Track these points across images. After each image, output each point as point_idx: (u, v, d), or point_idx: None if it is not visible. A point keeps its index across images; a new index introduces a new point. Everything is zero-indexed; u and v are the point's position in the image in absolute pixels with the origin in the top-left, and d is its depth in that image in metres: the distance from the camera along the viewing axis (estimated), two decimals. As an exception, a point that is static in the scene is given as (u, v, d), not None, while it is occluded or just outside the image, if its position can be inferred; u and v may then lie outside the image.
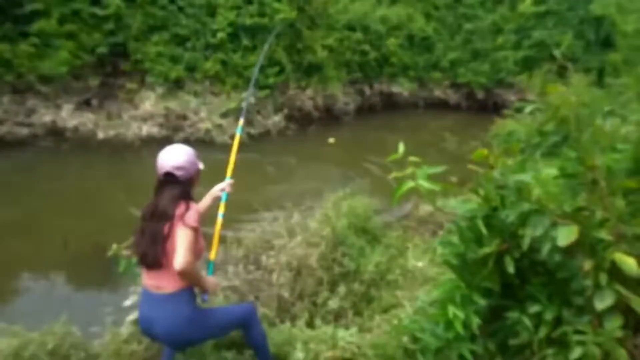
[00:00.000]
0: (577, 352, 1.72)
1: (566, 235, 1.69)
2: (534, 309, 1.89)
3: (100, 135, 8.96)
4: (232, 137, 9.48)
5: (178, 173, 2.73)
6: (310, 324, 3.91)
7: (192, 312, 2.71)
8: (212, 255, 3.22)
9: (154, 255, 2.62)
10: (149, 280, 2.70)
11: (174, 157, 2.76)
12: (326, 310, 4.05)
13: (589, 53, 14.64)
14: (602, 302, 1.72)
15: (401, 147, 1.91)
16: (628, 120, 3.65)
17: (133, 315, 3.24)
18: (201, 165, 2.97)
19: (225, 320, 2.92)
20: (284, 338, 3.31)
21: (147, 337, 2.87)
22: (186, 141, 9.52)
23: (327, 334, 3.31)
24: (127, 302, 3.31)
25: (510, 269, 1.82)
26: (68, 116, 8.99)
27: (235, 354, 3.17)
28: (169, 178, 2.74)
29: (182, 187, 2.76)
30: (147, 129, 9.41)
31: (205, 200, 3.33)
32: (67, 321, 3.14)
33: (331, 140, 9.21)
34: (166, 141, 9.44)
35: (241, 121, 4.51)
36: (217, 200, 3.38)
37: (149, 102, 9.75)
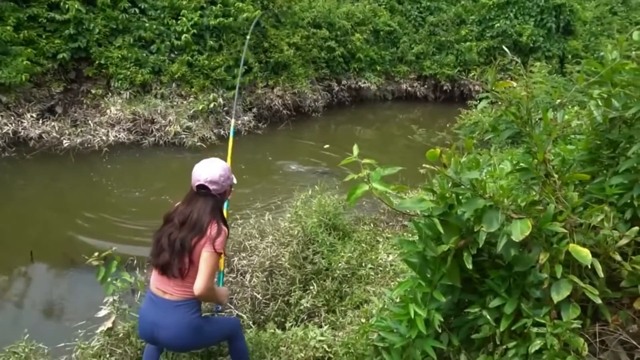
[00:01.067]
0: (537, 344, 1.75)
1: (520, 229, 1.72)
2: (494, 303, 1.92)
3: (66, 143, 8.74)
4: (203, 140, 9.47)
5: (212, 187, 2.79)
6: (282, 325, 3.91)
7: (197, 321, 2.78)
8: (221, 265, 3.22)
9: (178, 266, 2.68)
10: (159, 285, 2.76)
11: (210, 171, 2.81)
12: (299, 310, 4.06)
13: (550, 41, 14.95)
14: (559, 294, 1.76)
15: (355, 150, 1.91)
16: (585, 109, 3.74)
17: (104, 327, 3.19)
18: (235, 180, 3.01)
19: (221, 330, 3.01)
20: (253, 344, 3.30)
21: (147, 340, 2.89)
22: (156, 145, 9.41)
23: (298, 335, 3.31)
24: (100, 314, 3.26)
25: (469, 265, 1.84)
26: (31, 125, 8.74)
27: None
28: (202, 191, 2.79)
29: (215, 201, 2.82)
30: (114, 135, 9.23)
31: None
32: (32, 338, 3.06)
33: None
34: (135, 146, 9.32)
35: (233, 122, 4.69)
36: None
37: (115, 107, 9.55)
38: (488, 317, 1.90)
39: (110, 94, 9.87)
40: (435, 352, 1.92)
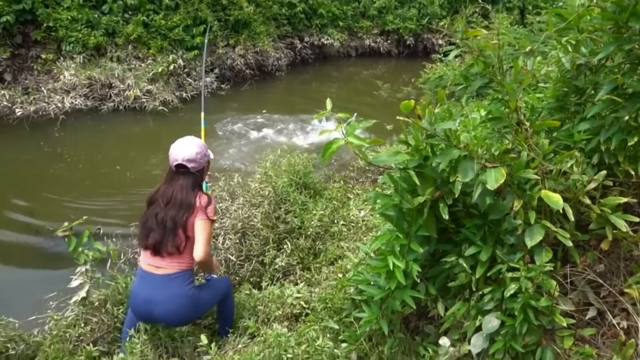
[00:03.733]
0: (511, 288, 1.81)
1: (495, 178, 1.74)
2: (469, 251, 1.96)
3: (19, 112, 8.34)
4: (164, 103, 9.20)
5: (190, 165, 2.85)
6: (258, 285, 3.93)
7: (192, 291, 2.83)
8: None
9: (174, 243, 2.74)
10: (151, 261, 2.80)
11: (186, 150, 2.86)
12: (274, 269, 4.08)
13: (511, -8, 14.93)
14: (532, 239, 1.81)
15: (329, 104, 1.87)
16: (548, 58, 3.77)
17: (78, 297, 3.13)
18: (212, 155, 3.09)
19: (217, 293, 3.07)
20: (233, 307, 3.30)
21: (141, 318, 2.88)
22: (116, 111, 9.09)
23: (275, 293, 3.33)
24: (73, 284, 3.19)
25: (445, 215, 1.86)
26: (-21, 94, 8.30)
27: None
28: (181, 170, 2.85)
29: (194, 178, 2.88)
30: (70, 101, 8.84)
31: None
32: (1, 312, 2.98)
33: (264, 111, 9.12)
34: (93, 112, 9.00)
35: (203, 114, 4.59)
36: None
37: (69, 72, 9.12)
38: (464, 265, 1.94)
39: (62, 58, 9.40)
40: (413, 302, 1.96)
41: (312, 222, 4.40)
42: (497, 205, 1.89)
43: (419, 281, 2.00)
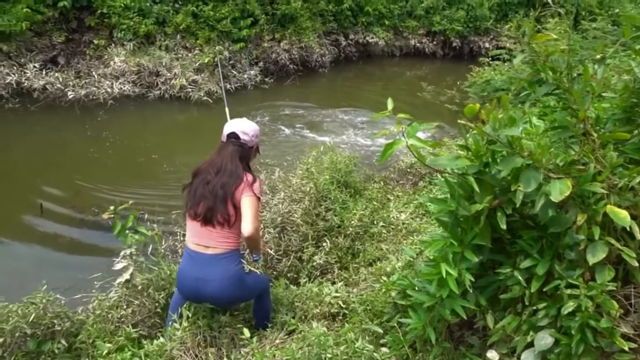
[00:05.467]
0: (569, 305, 1.73)
1: (559, 190, 1.67)
2: (525, 263, 1.88)
3: (70, 94, 8.60)
4: (209, 94, 9.32)
5: (243, 137, 2.89)
6: (295, 281, 3.93)
7: (241, 272, 2.86)
8: None
9: (224, 212, 2.73)
10: (200, 240, 2.80)
11: (241, 124, 2.94)
12: (312, 266, 4.06)
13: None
14: (595, 256, 1.73)
15: (390, 104, 1.83)
16: (610, 67, 3.62)
17: (122, 279, 3.19)
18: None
19: (259, 284, 3.06)
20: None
21: (190, 298, 2.91)
22: (161, 98, 9.26)
23: (313, 291, 3.32)
24: (117, 266, 3.24)
25: (503, 225, 1.80)
26: (34, 76, 8.57)
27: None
28: (232, 140, 2.89)
29: (243, 150, 2.90)
30: (119, 87, 9.06)
31: None
32: (50, 289, 3.06)
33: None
34: (140, 99, 9.20)
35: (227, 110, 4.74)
36: None
37: (119, 58, 9.35)
38: (519, 277, 1.87)
39: (113, 45, 9.64)
40: (464, 312, 1.91)
41: (352, 222, 4.36)
42: (559, 218, 1.81)
43: (470, 291, 1.94)
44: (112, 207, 3.22)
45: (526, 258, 1.90)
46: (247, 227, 2.66)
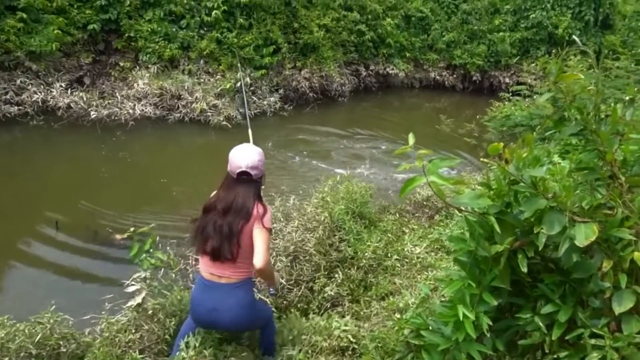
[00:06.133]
0: (594, 356, 1.65)
1: (585, 234, 1.60)
2: (546, 309, 1.81)
3: (93, 114, 8.76)
4: (228, 119, 9.40)
5: (253, 172, 2.84)
6: (305, 312, 3.84)
7: (253, 300, 2.90)
8: None
9: (229, 250, 2.74)
10: (213, 270, 2.81)
11: (249, 156, 2.85)
12: (323, 297, 3.98)
13: (586, 35, 14.45)
14: (621, 305, 1.65)
15: (411, 139, 1.80)
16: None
17: (134, 302, 3.14)
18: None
19: (265, 314, 3.11)
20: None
21: (204, 326, 2.93)
22: (181, 121, 9.37)
23: (321, 325, 3.23)
24: (130, 289, 3.20)
25: (524, 268, 1.73)
26: (59, 95, 8.77)
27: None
28: (243, 177, 2.83)
29: (256, 186, 2.88)
30: (141, 109, 9.22)
31: None
32: (58, 309, 3.03)
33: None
34: (160, 121, 9.30)
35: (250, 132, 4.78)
36: None
37: (143, 81, 9.54)
38: (540, 323, 1.79)
39: (138, 67, 9.85)
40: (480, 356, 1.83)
41: (366, 254, 4.30)
42: (583, 263, 1.74)
43: (488, 335, 1.86)
44: (132, 229, 3.20)
45: (547, 303, 1.82)
46: (258, 259, 2.65)
